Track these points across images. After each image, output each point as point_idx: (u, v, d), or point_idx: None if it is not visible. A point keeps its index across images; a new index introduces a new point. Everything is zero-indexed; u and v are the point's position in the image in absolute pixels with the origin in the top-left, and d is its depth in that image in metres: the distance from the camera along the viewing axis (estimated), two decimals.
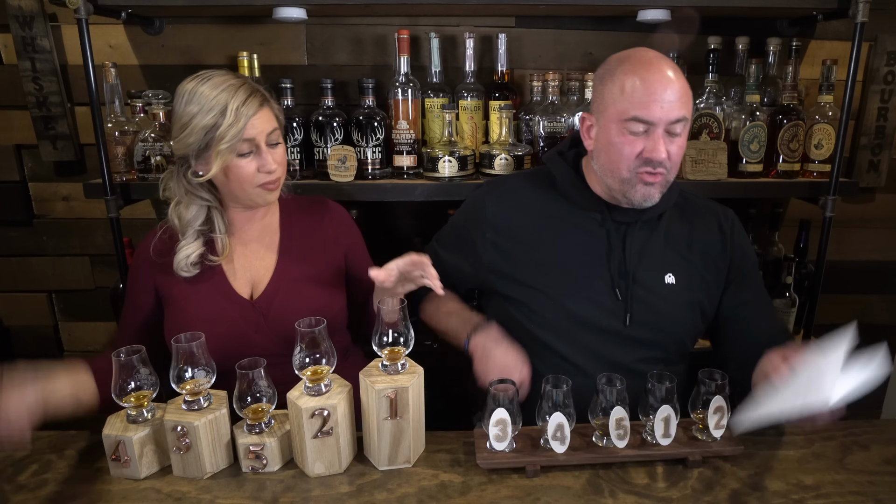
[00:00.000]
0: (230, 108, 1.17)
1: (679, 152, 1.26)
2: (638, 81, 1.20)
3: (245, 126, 1.19)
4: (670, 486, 1.08)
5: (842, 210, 1.86)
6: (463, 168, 1.71)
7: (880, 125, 2.03)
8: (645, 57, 1.24)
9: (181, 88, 1.23)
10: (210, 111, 1.17)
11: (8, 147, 2.00)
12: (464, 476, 1.11)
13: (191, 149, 1.21)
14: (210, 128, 1.18)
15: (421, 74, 1.82)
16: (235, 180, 1.24)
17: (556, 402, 1.10)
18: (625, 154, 1.23)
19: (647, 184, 1.25)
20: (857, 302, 2.25)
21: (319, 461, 1.09)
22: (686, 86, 1.23)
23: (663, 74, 1.21)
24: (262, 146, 1.23)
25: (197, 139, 1.19)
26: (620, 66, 1.24)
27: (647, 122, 1.21)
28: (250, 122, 1.19)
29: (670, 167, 1.25)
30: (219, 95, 1.18)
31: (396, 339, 1.11)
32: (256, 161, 1.24)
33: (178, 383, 1.08)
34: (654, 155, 1.21)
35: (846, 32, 1.81)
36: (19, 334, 2.19)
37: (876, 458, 1.17)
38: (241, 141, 1.20)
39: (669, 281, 1.34)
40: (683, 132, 1.25)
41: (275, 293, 1.33)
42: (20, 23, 1.84)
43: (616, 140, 1.24)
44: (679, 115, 1.21)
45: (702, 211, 1.42)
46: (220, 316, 1.29)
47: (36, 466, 1.14)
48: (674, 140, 1.23)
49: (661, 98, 1.19)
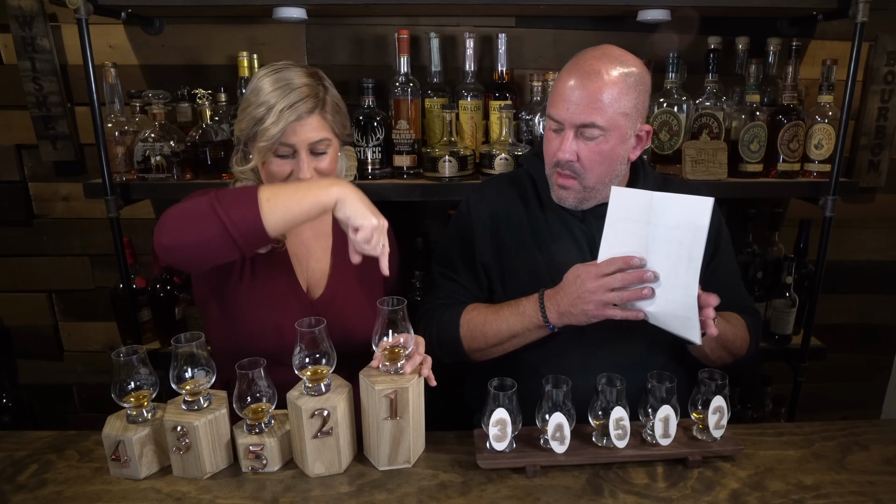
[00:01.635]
0: (276, 108, 1.17)
1: (593, 157, 1.24)
2: (563, 78, 1.24)
3: (283, 130, 1.18)
4: (670, 486, 1.08)
5: (842, 210, 1.86)
6: (463, 168, 1.71)
7: (880, 125, 2.03)
8: (586, 55, 1.25)
9: (255, 74, 1.26)
10: (259, 106, 1.19)
11: (8, 147, 2.00)
12: (464, 476, 1.11)
13: (243, 133, 1.24)
14: (256, 121, 1.19)
15: (421, 74, 1.82)
16: (268, 178, 1.26)
17: (556, 402, 1.10)
18: (547, 151, 1.29)
19: (561, 186, 1.29)
20: (857, 302, 2.25)
21: (319, 461, 1.09)
22: (613, 93, 1.20)
23: (586, 76, 1.20)
24: (301, 153, 1.21)
25: (247, 127, 1.21)
26: (568, 62, 1.27)
27: (556, 121, 1.25)
28: (290, 126, 1.18)
29: (582, 173, 1.26)
30: (272, 93, 1.18)
31: (398, 341, 1.11)
32: (291, 165, 1.23)
33: (178, 383, 1.08)
34: (558, 155, 1.25)
35: (846, 32, 1.81)
36: (19, 334, 2.19)
37: (876, 458, 1.17)
38: (280, 144, 1.20)
39: None
40: (603, 140, 1.23)
41: (333, 296, 1.35)
42: (20, 23, 1.84)
43: (546, 135, 1.29)
44: (586, 119, 1.21)
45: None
46: (282, 307, 1.30)
47: (36, 466, 1.14)
48: (586, 144, 1.23)
49: (569, 99, 1.21)
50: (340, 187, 1.10)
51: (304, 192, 1.10)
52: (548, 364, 1.31)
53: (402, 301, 1.11)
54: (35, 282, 2.13)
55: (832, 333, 2.12)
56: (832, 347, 1.98)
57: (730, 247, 1.46)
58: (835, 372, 2.27)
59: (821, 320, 1.90)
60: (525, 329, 1.28)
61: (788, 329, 1.88)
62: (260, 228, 1.06)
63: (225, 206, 1.07)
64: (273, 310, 1.28)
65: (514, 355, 1.37)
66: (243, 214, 1.06)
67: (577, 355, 1.32)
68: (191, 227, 1.09)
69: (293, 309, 1.29)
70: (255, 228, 1.06)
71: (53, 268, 2.11)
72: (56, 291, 2.15)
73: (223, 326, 1.31)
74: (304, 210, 1.09)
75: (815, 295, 1.81)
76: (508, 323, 1.30)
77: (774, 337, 1.90)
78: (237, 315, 1.29)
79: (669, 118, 1.72)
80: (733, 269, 1.46)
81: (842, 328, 2.26)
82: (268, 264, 1.30)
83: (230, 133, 1.71)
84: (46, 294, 2.15)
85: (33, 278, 2.12)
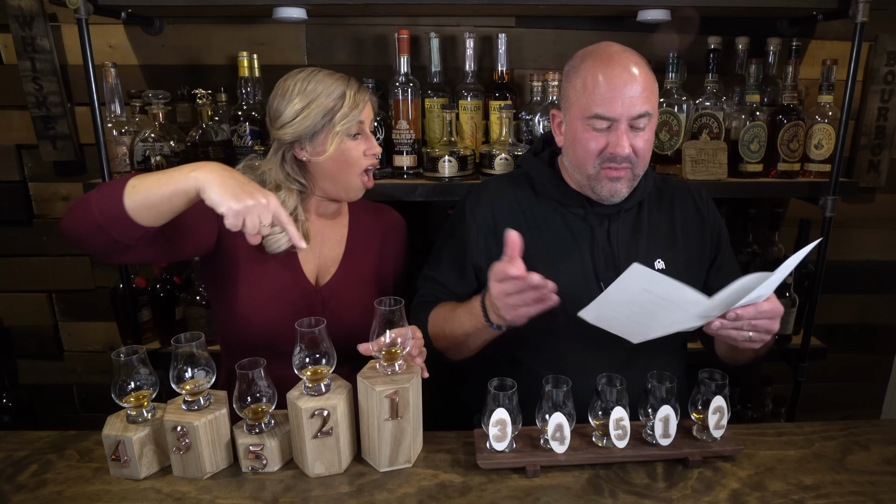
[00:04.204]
0: (348, 93, 1.30)
1: (645, 146, 1.26)
2: (600, 77, 1.21)
3: (362, 110, 1.31)
4: (670, 486, 1.08)
5: (842, 210, 1.86)
6: (463, 168, 1.71)
7: (880, 125, 2.03)
8: (608, 51, 1.24)
9: (288, 81, 1.32)
10: (330, 95, 1.29)
11: (8, 147, 2.00)
12: (464, 476, 1.11)
13: (307, 131, 1.29)
14: (329, 110, 1.28)
15: (421, 74, 1.82)
16: (344, 163, 1.32)
17: (556, 402, 1.10)
18: (589, 150, 1.25)
19: (613, 179, 1.27)
20: (857, 302, 2.25)
21: (319, 461, 1.09)
22: (650, 79, 1.23)
23: (625, 69, 1.21)
24: (367, 131, 1.35)
25: (314, 121, 1.28)
26: (584, 62, 1.25)
27: (609, 119, 1.22)
28: (366, 106, 1.33)
29: (637, 161, 1.26)
30: (336, 82, 1.30)
31: (395, 340, 1.10)
32: (364, 144, 1.34)
33: (178, 383, 1.08)
34: (617, 150, 1.23)
35: (846, 32, 1.81)
36: (19, 334, 2.19)
37: (876, 458, 1.17)
38: (356, 123, 1.31)
39: (659, 267, 1.35)
40: (649, 127, 1.25)
41: (339, 284, 1.39)
42: (20, 23, 1.84)
43: (581, 136, 1.25)
44: (641, 110, 1.21)
45: (679, 192, 1.44)
46: (283, 294, 1.33)
47: (36, 466, 1.14)
48: (638, 134, 1.24)
49: (622, 94, 1.20)
50: (204, 171, 1.05)
51: (167, 177, 1.07)
52: (547, 364, 1.30)
53: (399, 301, 1.11)
54: (35, 282, 2.13)
55: (832, 333, 2.12)
56: (832, 347, 1.99)
57: (730, 247, 1.47)
58: (835, 372, 2.27)
59: (821, 320, 1.90)
60: (475, 328, 1.25)
61: (788, 329, 1.88)
62: (122, 212, 1.05)
63: (99, 190, 1.08)
64: (272, 296, 1.31)
65: (513, 355, 1.37)
66: (108, 198, 1.06)
67: (576, 355, 1.32)
68: (74, 212, 1.10)
69: (294, 295, 1.34)
70: (117, 212, 1.05)
71: (53, 268, 2.11)
72: (56, 291, 2.15)
73: (224, 309, 1.34)
74: (163, 196, 1.06)
75: (815, 295, 1.81)
76: (461, 321, 1.28)
77: (774, 337, 1.90)
78: (237, 295, 1.31)
79: (669, 118, 1.72)
80: (735, 269, 1.47)
81: (842, 328, 2.26)
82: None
83: (230, 133, 1.72)
84: (46, 294, 2.15)
85: (33, 278, 2.12)
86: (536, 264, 1.33)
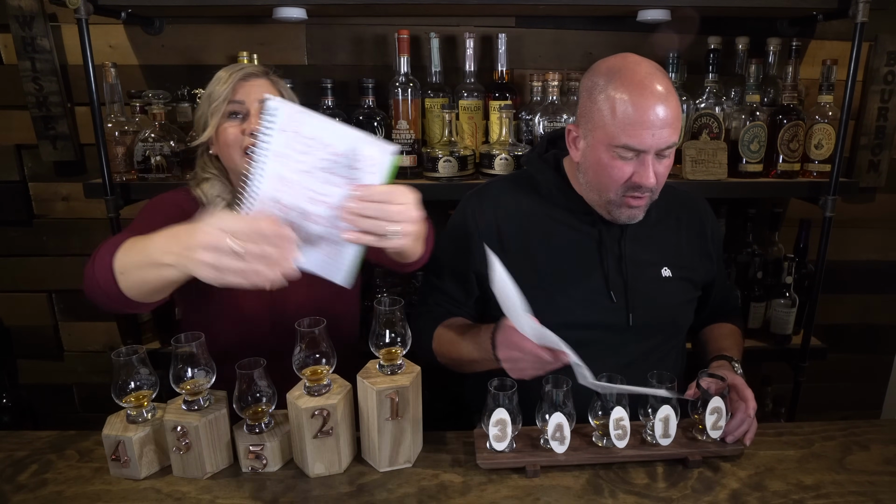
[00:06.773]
0: (224, 76, 1.27)
1: (666, 172, 1.24)
2: (630, 107, 1.14)
3: (234, 88, 1.26)
4: (670, 486, 1.08)
5: (842, 210, 1.86)
6: (463, 168, 1.71)
7: (880, 125, 2.03)
8: (637, 73, 1.16)
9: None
10: (213, 83, 1.28)
11: (8, 147, 2.00)
12: (464, 476, 1.11)
13: (200, 124, 1.30)
14: (209, 96, 1.28)
15: (421, 74, 1.82)
16: (224, 143, 1.28)
17: (556, 402, 1.10)
18: (613, 178, 1.21)
19: (632, 207, 1.25)
20: (857, 302, 2.25)
21: (319, 461, 1.09)
22: (677, 104, 1.17)
23: (657, 98, 1.14)
24: (251, 112, 1.26)
25: (202, 111, 1.29)
26: (611, 83, 1.17)
27: (638, 150, 1.17)
28: (238, 84, 1.26)
29: (657, 188, 1.24)
30: (222, 71, 1.29)
31: (394, 340, 1.11)
32: (243, 125, 1.26)
33: (178, 383, 1.08)
34: (643, 181, 1.19)
35: (846, 32, 1.81)
36: (19, 334, 2.19)
37: (876, 458, 1.17)
38: (229, 102, 1.26)
39: (666, 274, 1.34)
40: (671, 153, 1.22)
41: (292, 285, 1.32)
42: (20, 23, 1.84)
43: (605, 163, 1.20)
44: (671, 141, 1.18)
45: (682, 199, 1.44)
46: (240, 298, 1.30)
47: (36, 466, 1.14)
48: (661, 161, 1.21)
49: (653, 125, 1.14)
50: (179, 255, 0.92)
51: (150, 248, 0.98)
52: None
53: (398, 301, 1.11)
54: (35, 282, 2.13)
55: (832, 333, 2.12)
56: (832, 347, 1.98)
57: (721, 249, 1.52)
58: (835, 372, 2.27)
59: (821, 320, 1.90)
60: (483, 359, 1.20)
61: (788, 329, 1.88)
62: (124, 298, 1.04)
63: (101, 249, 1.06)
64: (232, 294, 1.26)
65: None
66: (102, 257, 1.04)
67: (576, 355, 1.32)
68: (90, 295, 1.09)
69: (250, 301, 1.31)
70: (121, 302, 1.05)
71: (53, 268, 2.11)
72: (56, 291, 2.15)
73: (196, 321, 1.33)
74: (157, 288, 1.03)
75: (815, 295, 1.81)
76: (468, 350, 1.25)
77: (774, 337, 1.90)
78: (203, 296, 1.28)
79: None
80: (722, 269, 1.52)
81: (842, 328, 2.26)
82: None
83: None
84: (46, 294, 2.15)
85: (33, 278, 2.12)
86: (543, 271, 1.33)
